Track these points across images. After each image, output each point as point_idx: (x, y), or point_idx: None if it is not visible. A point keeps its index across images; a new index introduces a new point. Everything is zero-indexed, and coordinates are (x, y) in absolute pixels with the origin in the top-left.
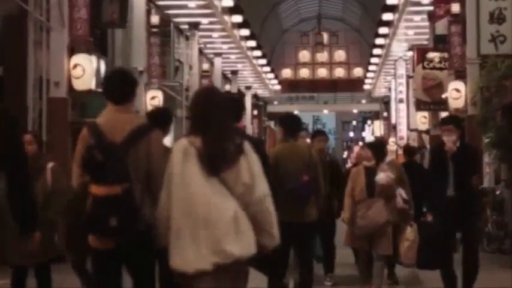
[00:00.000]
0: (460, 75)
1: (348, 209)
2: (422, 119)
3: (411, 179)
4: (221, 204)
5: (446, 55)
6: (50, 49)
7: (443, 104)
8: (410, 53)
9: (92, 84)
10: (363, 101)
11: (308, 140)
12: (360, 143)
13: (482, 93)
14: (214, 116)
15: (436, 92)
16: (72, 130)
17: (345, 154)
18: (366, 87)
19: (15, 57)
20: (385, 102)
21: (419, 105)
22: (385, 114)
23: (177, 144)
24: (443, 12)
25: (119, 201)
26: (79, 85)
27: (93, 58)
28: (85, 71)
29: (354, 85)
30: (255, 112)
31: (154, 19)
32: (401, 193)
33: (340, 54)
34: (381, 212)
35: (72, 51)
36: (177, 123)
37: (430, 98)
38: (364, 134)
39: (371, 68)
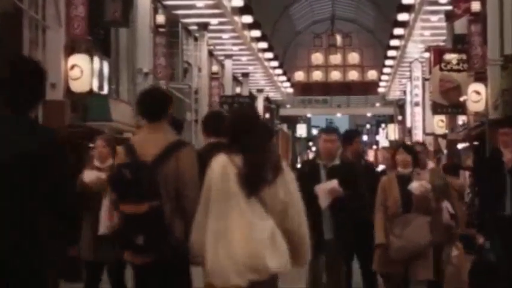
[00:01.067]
0: (481, 77)
1: (379, 227)
2: (439, 123)
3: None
4: (259, 223)
5: (464, 56)
6: (46, 49)
7: (461, 107)
8: (426, 55)
9: (90, 85)
10: (377, 104)
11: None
12: (374, 147)
13: (504, 95)
14: (257, 137)
15: (453, 94)
16: (72, 134)
17: None
18: (380, 90)
19: (10, 57)
20: (400, 105)
21: (436, 109)
22: (399, 117)
23: (217, 161)
24: (462, 11)
25: (146, 219)
26: (77, 87)
27: (94, 58)
28: (83, 72)
29: (367, 88)
30: (267, 115)
31: (160, 18)
32: (447, 206)
33: (353, 57)
34: (421, 230)
35: (69, 51)
36: (186, 126)
37: (447, 101)
38: (378, 137)
39: (385, 70)
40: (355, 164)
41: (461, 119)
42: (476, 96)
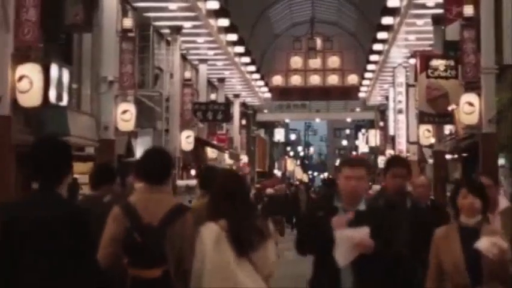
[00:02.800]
0: (472, 87)
1: None
2: (425, 133)
3: None
4: (251, 286)
5: (452, 63)
6: None
7: (448, 117)
8: (411, 60)
9: (42, 98)
10: (357, 109)
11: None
12: (354, 152)
13: (505, 110)
14: (241, 197)
15: (441, 103)
16: (22, 153)
17: (337, 162)
18: (361, 95)
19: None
20: (381, 110)
21: (423, 118)
22: (381, 123)
23: (208, 230)
24: (454, 16)
25: (158, 284)
26: (25, 101)
27: (52, 66)
28: (33, 83)
29: (348, 92)
30: (244, 121)
31: (127, 22)
32: None
33: (333, 61)
34: None
35: (18, 60)
36: (157, 136)
37: (434, 110)
38: (357, 142)
39: (367, 75)
40: (397, 206)
41: (447, 129)
42: (469, 108)
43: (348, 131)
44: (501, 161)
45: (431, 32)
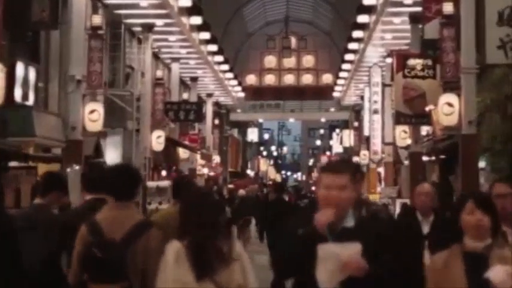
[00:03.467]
0: (452, 87)
1: None
2: (402, 134)
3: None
4: None
5: (430, 62)
6: None
7: (426, 118)
8: (388, 60)
9: (4, 98)
10: (332, 109)
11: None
12: (328, 153)
13: (488, 111)
14: (208, 217)
15: (418, 103)
16: None
17: (311, 162)
18: (336, 94)
19: None
20: (356, 110)
21: (399, 118)
22: (355, 124)
23: (170, 248)
24: (433, 14)
25: None
26: None
27: (18, 64)
28: None
29: (322, 92)
30: (216, 121)
31: (97, 19)
32: None
33: (308, 60)
34: None
35: None
36: (128, 136)
37: (411, 110)
38: (331, 142)
39: (342, 74)
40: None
41: (424, 130)
42: (449, 109)
43: (322, 131)
44: (481, 164)
45: (409, 30)
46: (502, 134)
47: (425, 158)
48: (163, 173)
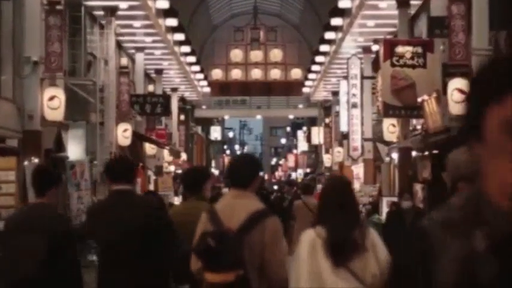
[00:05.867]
0: (462, 71)
1: None
2: (390, 128)
3: None
4: None
5: (420, 49)
6: None
7: (417, 109)
8: (373, 47)
9: None
10: (300, 106)
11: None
12: (294, 151)
13: None
14: (349, 207)
15: (408, 94)
16: None
17: (273, 161)
18: (305, 90)
19: None
20: (326, 107)
21: (388, 110)
22: (326, 120)
23: (305, 237)
24: None
25: None
26: None
27: None
28: None
29: (290, 88)
30: (182, 117)
31: None
32: None
33: (276, 54)
34: None
35: None
36: (91, 130)
37: (400, 102)
38: (296, 141)
39: (314, 67)
40: None
41: (412, 124)
42: (460, 96)
43: (288, 129)
44: None
45: (395, 17)
46: None
47: (414, 154)
48: None
